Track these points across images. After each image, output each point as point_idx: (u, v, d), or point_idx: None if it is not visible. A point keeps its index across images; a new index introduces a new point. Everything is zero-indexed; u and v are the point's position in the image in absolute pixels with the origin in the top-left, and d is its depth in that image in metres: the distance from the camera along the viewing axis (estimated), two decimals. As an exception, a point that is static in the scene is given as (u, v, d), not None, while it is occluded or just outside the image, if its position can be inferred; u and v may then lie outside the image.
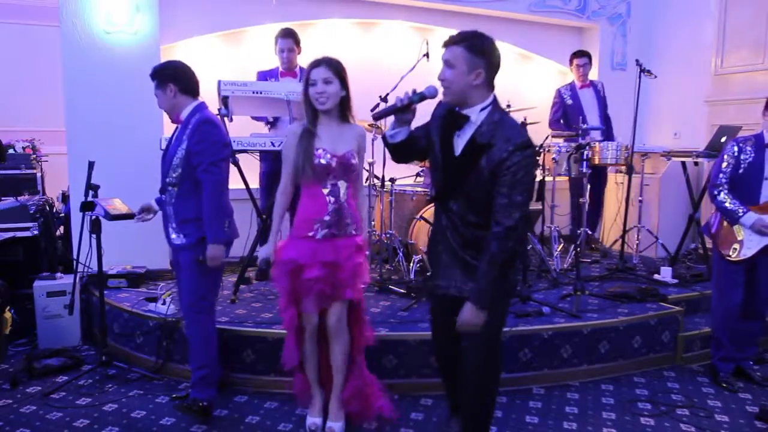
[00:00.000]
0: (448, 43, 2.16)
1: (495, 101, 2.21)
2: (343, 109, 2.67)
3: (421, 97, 2.23)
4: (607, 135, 5.37)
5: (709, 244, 4.70)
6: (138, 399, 3.16)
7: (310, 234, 2.64)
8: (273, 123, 4.46)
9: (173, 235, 2.92)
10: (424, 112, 2.38)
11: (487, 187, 2.14)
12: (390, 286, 4.05)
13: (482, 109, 2.18)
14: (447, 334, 2.46)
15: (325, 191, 2.64)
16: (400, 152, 2.39)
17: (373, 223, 4.64)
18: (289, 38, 4.35)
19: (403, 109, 2.24)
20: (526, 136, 2.14)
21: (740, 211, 3.22)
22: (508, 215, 2.11)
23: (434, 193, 2.38)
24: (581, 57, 5.38)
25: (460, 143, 2.23)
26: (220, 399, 3.16)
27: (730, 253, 3.28)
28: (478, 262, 2.20)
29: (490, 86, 2.19)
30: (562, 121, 5.50)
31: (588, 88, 5.42)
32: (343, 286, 2.65)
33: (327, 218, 2.64)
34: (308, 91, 2.60)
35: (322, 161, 2.59)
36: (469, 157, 2.18)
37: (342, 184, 2.65)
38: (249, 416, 3.01)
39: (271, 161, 4.37)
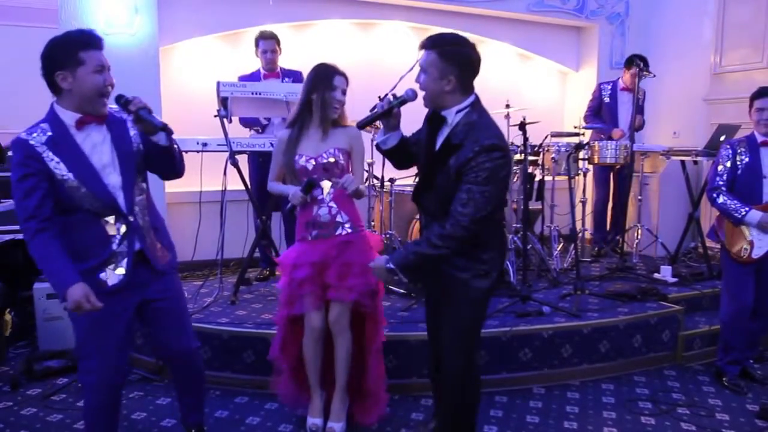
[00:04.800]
0: (423, 46, 2.14)
1: (474, 102, 2.18)
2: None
3: (401, 101, 2.24)
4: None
5: (709, 244, 4.71)
6: (138, 401, 3.16)
7: (304, 235, 2.73)
8: (263, 129, 4.43)
9: (159, 257, 2.30)
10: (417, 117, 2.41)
11: (453, 187, 2.11)
12: (390, 287, 4.04)
13: (458, 111, 2.15)
14: (433, 329, 2.52)
15: (315, 193, 2.69)
16: (397, 158, 2.43)
17: (372, 223, 4.64)
18: (271, 39, 4.36)
19: (385, 114, 2.26)
20: (495, 139, 2.07)
21: (742, 210, 3.22)
22: (458, 220, 2.06)
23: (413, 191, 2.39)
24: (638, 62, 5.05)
25: (439, 143, 2.23)
26: (221, 400, 3.16)
27: (741, 254, 3.27)
28: (443, 265, 2.20)
29: (465, 90, 2.16)
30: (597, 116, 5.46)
31: (629, 92, 5.22)
32: (330, 287, 2.66)
33: (314, 219, 2.69)
34: (328, 95, 2.62)
35: (298, 166, 2.67)
36: (440, 156, 2.16)
37: (326, 184, 2.68)
38: (249, 417, 3.01)
39: (257, 164, 4.37)
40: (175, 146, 2.27)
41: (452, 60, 2.09)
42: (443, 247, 2.10)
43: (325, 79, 2.63)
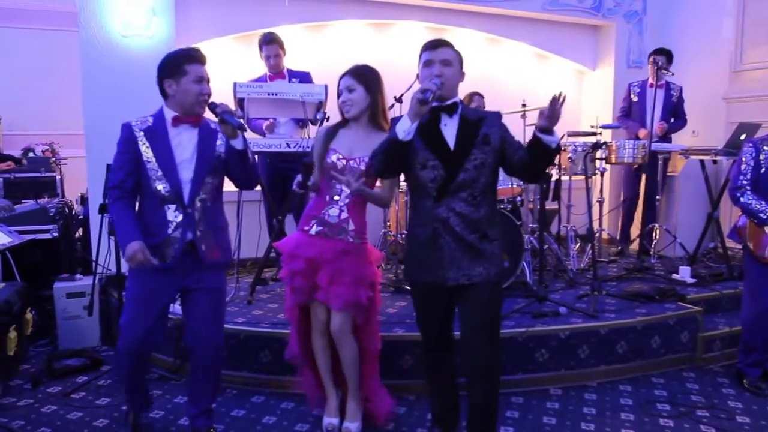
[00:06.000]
0: (441, 45, 2.40)
1: None
2: (373, 115, 2.67)
3: (438, 86, 2.31)
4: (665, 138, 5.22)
5: (729, 244, 4.66)
6: (156, 399, 3.17)
7: (306, 228, 2.71)
8: (270, 129, 4.42)
9: (208, 252, 2.56)
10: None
11: (496, 147, 2.36)
12: (406, 287, 4.04)
13: (459, 99, 2.47)
14: (442, 323, 2.56)
15: (331, 190, 2.68)
16: (401, 156, 2.37)
17: (388, 223, 4.65)
18: (274, 44, 4.35)
19: (434, 96, 2.27)
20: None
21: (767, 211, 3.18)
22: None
23: (435, 188, 2.37)
24: (657, 55, 5.07)
25: (450, 130, 2.38)
26: (238, 399, 3.18)
27: (767, 255, 3.23)
28: (486, 244, 2.38)
29: None
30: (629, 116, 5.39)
31: (659, 88, 5.08)
32: (319, 288, 2.64)
33: (321, 216, 2.68)
34: (339, 98, 2.68)
35: (329, 160, 2.65)
36: (467, 134, 2.37)
37: (347, 188, 2.63)
38: (266, 416, 3.02)
39: (265, 164, 4.39)
40: (250, 153, 2.56)
41: (459, 54, 2.44)
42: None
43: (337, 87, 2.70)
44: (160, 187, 2.49)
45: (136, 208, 2.58)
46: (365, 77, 2.65)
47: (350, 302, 2.62)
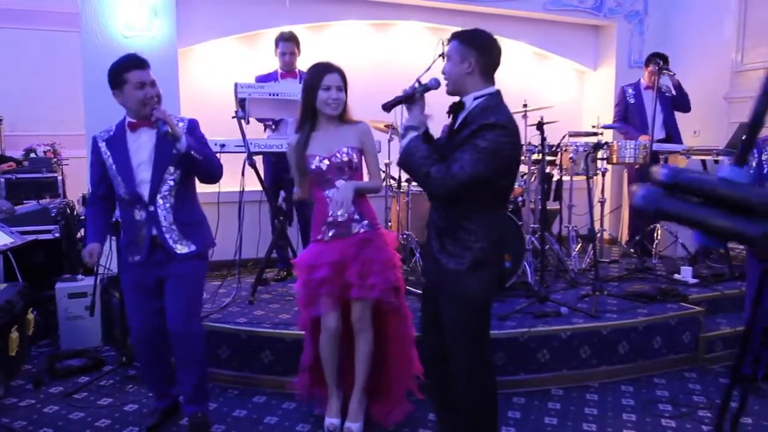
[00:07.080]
0: (451, 40, 2.29)
1: (495, 94, 2.23)
2: (342, 112, 2.71)
3: (425, 88, 2.31)
4: (671, 139, 5.22)
5: (732, 244, 4.64)
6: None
7: (320, 237, 2.73)
8: (276, 125, 4.46)
9: (178, 246, 2.65)
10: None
11: None
12: (407, 287, 4.03)
13: (476, 98, 2.21)
14: (432, 325, 2.46)
15: (326, 193, 2.70)
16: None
17: (389, 223, 4.64)
18: (291, 42, 4.40)
19: (408, 100, 2.30)
20: (501, 117, 2.12)
21: None
22: (444, 172, 2.11)
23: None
24: (664, 67, 4.89)
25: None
26: (239, 400, 3.19)
27: None
28: (442, 256, 2.24)
29: (486, 76, 2.24)
30: (625, 120, 5.36)
31: (653, 90, 4.99)
32: (351, 285, 2.66)
33: (330, 219, 2.69)
34: (318, 94, 2.63)
35: (313, 166, 2.67)
36: (451, 137, 2.25)
37: (340, 184, 2.66)
38: (267, 417, 3.02)
39: (270, 164, 4.40)
40: (194, 153, 2.58)
41: (471, 44, 2.22)
42: (428, 173, 2.12)
43: (316, 80, 2.63)
44: (122, 191, 2.65)
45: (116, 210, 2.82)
46: (345, 77, 2.69)
47: (386, 289, 2.67)
